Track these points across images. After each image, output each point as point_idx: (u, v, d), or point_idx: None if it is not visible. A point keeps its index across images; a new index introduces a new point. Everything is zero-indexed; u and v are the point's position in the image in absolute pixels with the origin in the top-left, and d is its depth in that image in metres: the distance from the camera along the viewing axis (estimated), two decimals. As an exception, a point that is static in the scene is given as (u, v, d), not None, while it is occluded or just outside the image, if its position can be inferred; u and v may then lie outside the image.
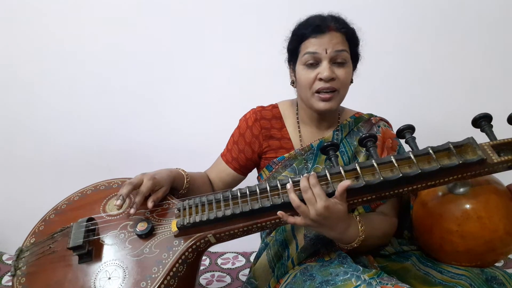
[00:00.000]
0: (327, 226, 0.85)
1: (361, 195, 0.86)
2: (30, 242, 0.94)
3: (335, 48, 0.98)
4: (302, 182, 0.83)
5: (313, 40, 1.00)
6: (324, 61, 0.99)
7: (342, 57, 1.00)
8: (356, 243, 0.90)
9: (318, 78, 1.00)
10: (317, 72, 1.00)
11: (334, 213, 0.82)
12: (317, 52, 0.99)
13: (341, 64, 1.00)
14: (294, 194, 0.83)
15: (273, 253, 1.06)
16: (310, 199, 0.82)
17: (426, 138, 1.01)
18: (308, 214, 0.83)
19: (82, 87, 1.65)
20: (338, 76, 1.00)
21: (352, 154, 1.09)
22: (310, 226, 0.86)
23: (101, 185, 1.03)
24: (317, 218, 0.82)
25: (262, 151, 1.15)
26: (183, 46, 1.62)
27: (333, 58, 0.99)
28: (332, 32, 0.99)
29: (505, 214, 0.89)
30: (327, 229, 0.87)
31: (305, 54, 1.00)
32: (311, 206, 0.82)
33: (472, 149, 0.85)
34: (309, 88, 1.02)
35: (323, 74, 0.98)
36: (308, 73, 1.01)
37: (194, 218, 0.88)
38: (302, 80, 1.03)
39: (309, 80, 1.01)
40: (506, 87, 1.61)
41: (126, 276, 0.83)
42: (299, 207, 0.83)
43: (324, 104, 1.01)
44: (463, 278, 0.88)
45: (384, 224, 1.02)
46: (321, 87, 1.00)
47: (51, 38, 1.60)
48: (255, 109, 1.17)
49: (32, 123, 1.67)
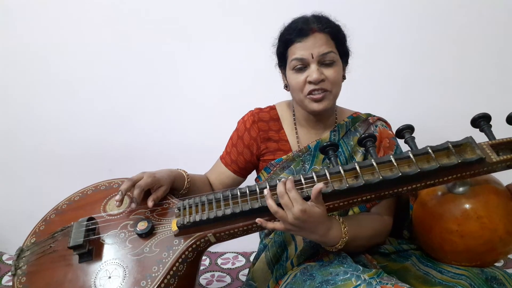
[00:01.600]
0: (307, 230, 0.86)
1: (360, 195, 0.86)
2: (30, 241, 0.94)
3: (321, 51, 0.99)
4: (278, 188, 0.84)
5: (298, 44, 1.00)
6: (312, 64, 0.99)
7: (329, 58, 1.00)
8: (340, 245, 0.90)
9: (308, 81, 1.00)
10: (306, 75, 1.00)
11: (312, 216, 0.83)
12: (303, 58, 0.99)
13: (329, 65, 1.01)
14: (271, 199, 0.84)
15: (272, 255, 1.06)
16: (287, 203, 0.83)
17: (425, 138, 1.01)
18: (286, 219, 0.83)
19: (83, 88, 1.65)
20: (328, 77, 1.00)
21: (349, 154, 1.09)
22: (290, 230, 0.87)
23: (102, 185, 1.03)
24: (296, 222, 0.83)
25: (260, 153, 1.16)
26: (183, 48, 1.62)
27: (321, 60, 1.00)
28: (315, 33, 0.99)
29: (504, 213, 0.89)
30: (307, 233, 0.87)
31: (292, 60, 1.01)
32: (288, 210, 0.83)
33: (471, 148, 0.85)
34: (301, 91, 1.02)
35: (312, 77, 0.99)
36: (298, 77, 1.01)
37: (194, 218, 0.88)
38: (293, 85, 1.04)
39: (300, 84, 1.01)
40: (505, 87, 1.61)
41: (126, 275, 0.84)
42: (276, 213, 0.84)
43: (318, 105, 1.02)
44: (463, 278, 0.88)
45: (374, 223, 1.02)
46: (312, 89, 1.00)
47: (51, 39, 1.61)
48: (253, 111, 1.18)
49: (32, 123, 1.68)
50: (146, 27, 1.60)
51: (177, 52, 1.63)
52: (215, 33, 1.61)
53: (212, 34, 1.61)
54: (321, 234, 0.88)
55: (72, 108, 1.67)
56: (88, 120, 1.67)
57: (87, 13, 1.59)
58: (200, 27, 1.60)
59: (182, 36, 1.61)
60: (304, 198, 0.84)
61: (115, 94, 1.66)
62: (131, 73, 1.64)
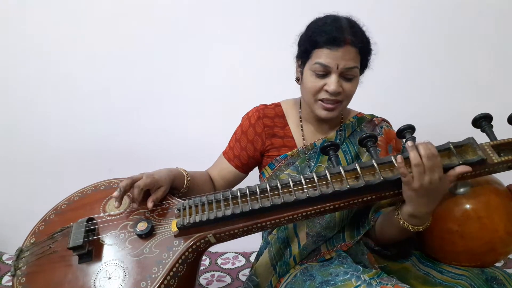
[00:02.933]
0: (429, 197, 0.83)
1: (361, 195, 0.86)
2: (30, 242, 0.94)
3: (347, 65, 0.96)
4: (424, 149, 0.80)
5: (327, 51, 0.96)
6: (334, 74, 0.97)
7: (352, 73, 0.98)
8: (423, 228, 0.88)
9: (325, 90, 0.99)
10: (325, 82, 0.98)
11: (442, 188, 0.82)
12: (328, 66, 0.97)
13: (349, 79, 0.99)
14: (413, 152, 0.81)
15: (275, 251, 1.06)
16: (433, 166, 0.80)
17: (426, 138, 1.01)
18: (423, 180, 0.80)
19: (82, 88, 1.65)
20: (344, 90, 0.99)
21: (355, 154, 1.09)
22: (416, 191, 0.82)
23: (101, 185, 1.03)
24: (429, 186, 0.80)
25: (264, 149, 1.15)
26: (183, 47, 1.61)
27: (343, 73, 0.98)
28: (347, 46, 0.95)
29: (505, 214, 0.89)
30: (426, 200, 0.83)
31: (315, 63, 0.98)
32: (432, 172, 0.80)
33: (473, 149, 0.85)
34: (313, 95, 1.01)
35: (330, 88, 0.97)
36: (316, 82, 0.99)
37: (194, 218, 0.88)
38: (308, 87, 1.02)
39: (316, 88, 1.00)
40: (506, 87, 1.61)
41: (126, 276, 0.83)
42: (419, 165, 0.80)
43: (326, 113, 1.01)
44: (463, 278, 0.88)
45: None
46: (326, 98, 0.99)
47: (51, 39, 1.60)
48: (258, 107, 1.17)
49: (32, 123, 1.67)
50: (146, 28, 1.60)
51: (177, 51, 1.62)
52: (216, 32, 1.60)
53: (213, 32, 1.60)
54: (432, 209, 0.86)
55: (72, 108, 1.66)
56: (88, 119, 1.67)
57: (89, 11, 1.59)
58: (201, 25, 1.60)
59: (183, 34, 1.60)
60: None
61: (114, 94, 1.65)
62: (131, 72, 1.64)
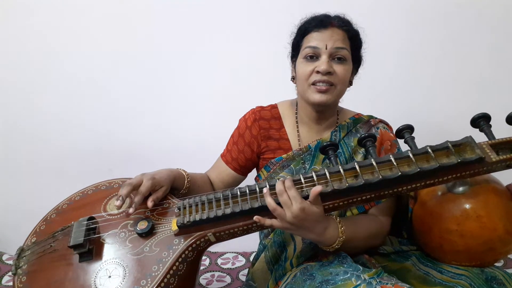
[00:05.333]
0: (305, 228, 0.86)
1: (360, 194, 0.86)
2: (31, 241, 0.94)
3: (335, 44, 1.00)
4: (277, 186, 0.85)
5: (315, 34, 1.02)
6: (323, 55, 1.00)
7: (342, 54, 1.01)
8: (337, 244, 0.90)
9: (316, 71, 1.01)
10: (315, 65, 1.01)
11: (310, 214, 0.84)
12: (317, 47, 1.00)
13: (340, 60, 1.01)
14: (270, 198, 0.84)
15: (271, 255, 1.06)
16: (286, 201, 0.83)
17: (425, 138, 1.02)
18: (285, 217, 0.84)
19: (83, 88, 1.65)
20: (336, 71, 1.01)
21: (350, 155, 1.09)
22: (287, 229, 0.87)
23: (102, 185, 1.04)
24: (294, 220, 0.83)
25: (260, 152, 1.16)
26: (183, 48, 1.62)
27: (333, 54, 1.01)
28: (334, 28, 1.01)
29: (504, 213, 0.89)
30: (305, 231, 0.87)
31: (306, 48, 1.02)
32: (287, 208, 0.83)
33: (471, 148, 0.85)
34: (306, 80, 1.03)
35: (321, 67, 0.99)
36: (307, 66, 1.02)
37: (194, 217, 0.88)
38: (300, 73, 1.04)
39: (307, 72, 1.02)
40: (505, 87, 1.61)
41: (127, 274, 0.84)
42: (275, 210, 0.84)
43: (320, 96, 1.01)
44: (463, 278, 0.88)
45: (372, 224, 1.02)
46: (318, 79, 1.01)
47: (51, 40, 1.61)
48: (254, 109, 1.18)
49: (32, 123, 1.68)
50: (146, 28, 1.61)
51: (177, 52, 1.63)
52: (215, 33, 1.61)
53: (213, 33, 1.61)
54: (318, 233, 0.88)
55: (73, 108, 1.67)
56: (88, 120, 1.68)
57: (87, 14, 1.59)
58: (200, 28, 1.60)
59: (183, 35, 1.61)
60: (303, 197, 0.84)
61: (115, 95, 1.66)
62: (132, 73, 1.64)
